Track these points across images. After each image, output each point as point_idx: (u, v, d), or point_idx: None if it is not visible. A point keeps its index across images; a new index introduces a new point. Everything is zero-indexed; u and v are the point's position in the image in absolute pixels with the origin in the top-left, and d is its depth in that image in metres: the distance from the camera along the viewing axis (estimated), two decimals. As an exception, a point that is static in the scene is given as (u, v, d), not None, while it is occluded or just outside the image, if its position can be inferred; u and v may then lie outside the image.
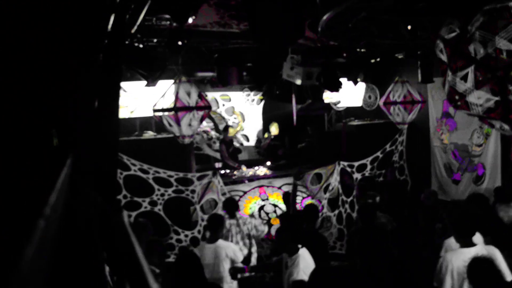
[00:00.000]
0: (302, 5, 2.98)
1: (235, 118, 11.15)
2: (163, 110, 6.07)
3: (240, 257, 5.16)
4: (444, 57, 3.34)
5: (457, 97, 3.31)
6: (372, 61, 7.75)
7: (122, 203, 6.68)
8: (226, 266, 4.96)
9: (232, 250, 5.12)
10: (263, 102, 11.26)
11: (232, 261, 5.03)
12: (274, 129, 10.28)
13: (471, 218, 3.88)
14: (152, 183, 6.91)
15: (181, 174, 7.06)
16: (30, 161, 1.07)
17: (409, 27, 4.47)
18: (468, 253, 3.51)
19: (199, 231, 7.10)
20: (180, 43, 4.95)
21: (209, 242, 5.18)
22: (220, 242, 5.13)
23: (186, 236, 7.07)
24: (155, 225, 6.88)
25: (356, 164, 8.23)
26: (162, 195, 6.99)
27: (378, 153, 8.53)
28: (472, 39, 2.99)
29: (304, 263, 4.08)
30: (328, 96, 9.86)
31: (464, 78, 3.15)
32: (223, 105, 11.04)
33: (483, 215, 4.87)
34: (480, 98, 3.14)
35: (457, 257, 3.63)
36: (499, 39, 2.85)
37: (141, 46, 5.60)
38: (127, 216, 1.61)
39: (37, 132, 1.14)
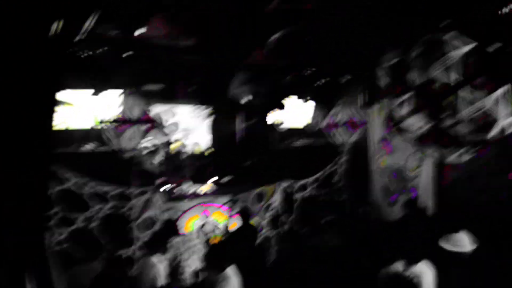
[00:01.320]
0: (253, 25, 3.03)
1: (180, 133, 10.99)
2: (105, 122, 5.88)
3: None
4: (383, 83, 3.52)
5: (393, 122, 3.48)
6: (318, 83, 7.98)
7: (53, 220, 6.35)
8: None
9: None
10: (210, 118, 11.20)
11: None
12: (198, 148, 10.26)
13: None
14: (87, 199, 6.62)
15: (119, 190, 6.83)
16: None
17: (353, 53, 4.67)
18: None
19: (134, 251, 6.85)
20: (128, 54, 4.85)
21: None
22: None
23: (121, 256, 6.80)
24: (88, 243, 6.61)
25: (297, 184, 8.36)
26: (98, 211, 6.71)
27: (319, 174, 8.72)
28: (410, 67, 3.18)
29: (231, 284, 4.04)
30: (273, 116, 9.99)
31: (401, 105, 3.33)
32: (169, 119, 10.86)
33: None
34: (415, 124, 3.32)
35: None
36: (434, 69, 3.04)
37: (86, 54, 5.41)
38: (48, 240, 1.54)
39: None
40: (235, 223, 7.23)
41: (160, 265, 4.95)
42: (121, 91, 5.90)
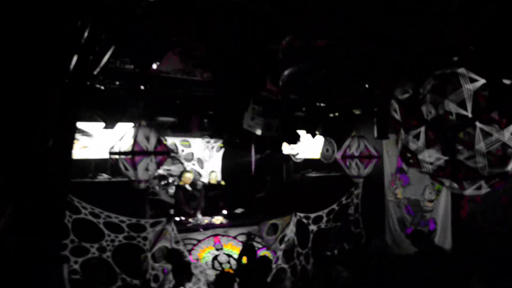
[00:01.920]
0: (265, 59, 3.08)
1: (193, 164, 11.07)
2: (120, 153, 5.94)
3: None
4: (398, 116, 3.50)
5: (409, 155, 3.43)
6: (331, 115, 8.00)
7: (68, 248, 6.39)
8: None
9: None
10: (223, 149, 11.28)
11: None
12: (213, 178, 10.27)
13: None
14: (102, 228, 6.65)
15: (133, 220, 6.85)
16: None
17: (366, 86, 4.70)
18: None
19: (148, 280, 6.80)
20: (142, 87, 4.96)
21: None
22: None
23: (135, 285, 6.76)
24: (102, 272, 6.59)
25: (312, 215, 8.28)
26: (112, 241, 6.73)
27: (334, 206, 8.65)
28: (424, 101, 3.17)
29: None
30: (287, 147, 10.01)
31: (416, 137, 3.30)
32: (183, 150, 10.97)
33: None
34: (431, 157, 3.28)
35: None
36: (448, 102, 3.03)
37: (102, 88, 5.55)
38: (67, 268, 1.55)
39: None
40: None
41: None
42: (136, 123, 5.99)
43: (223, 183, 10.38)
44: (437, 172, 3.33)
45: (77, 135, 7.59)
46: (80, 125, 7.78)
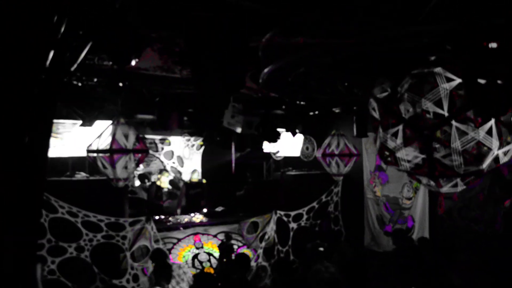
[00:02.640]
0: (245, 56, 3.08)
1: (173, 162, 10.99)
2: (98, 151, 5.86)
3: None
4: (376, 115, 3.54)
5: (387, 153, 3.48)
6: (310, 114, 8.04)
7: (45, 248, 6.28)
8: None
9: None
10: (203, 148, 11.24)
11: None
12: (195, 177, 10.25)
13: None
14: (80, 227, 6.55)
15: (112, 219, 6.77)
16: None
17: (345, 84, 4.74)
18: None
19: (127, 280, 6.74)
20: (121, 84, 4.89)
21: None
22: None
23: (114, 285, 6.68)
24: (80, 273, 6.50)
25: (292, 213, 8.33)
26: (91, 240, 6.64)
27: (314, 203, 8.72)
28: (402, 100, 3.21)
29: None
30: (268, 145, 10.03)
31: (394, 135, 3.34)
32: (162, 148, 10.88)
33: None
34: (408, 155, 3.33)
35: None
36: (425, 101, 3.08)
37: (80, 84, 5.46)
38: (41, 269, 1.52)
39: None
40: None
41: None
42: (114, 120, 5.91)
43: (204, 181, 10.35)
44: (414, 170, 3.38)
45: (54, 133, 7.45)
46: (57, 122, 7.64)
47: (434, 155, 3.14)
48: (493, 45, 2.57)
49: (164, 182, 9.85)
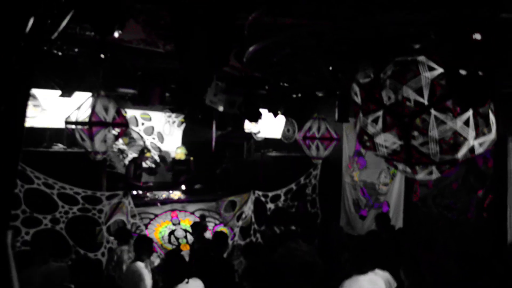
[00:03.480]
0: (230, 33, 3.04)
1: (153, 138, 10.91)
2: (76, 123, 5.76)
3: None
4: (358, 100, 3.56)
5: (366, 138, 3.51)
6: (293, 96, 8.05)
7: (20, 218, 6.21)
8: None
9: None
10: (184, 125, 11.17)
11: None
12: (179, 152, 10.13)
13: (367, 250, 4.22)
14: (56, 199, 6.49)
15: (89, 192, 6.72)
16: None
17: (330, 68, 4.74)
18: (363, 280, 3.91)
19: (103, 254, 6.73)
20: (103, 56, 4.77)
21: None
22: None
23: (89, 258, 6.67)
24: (55, 244, 6.45)
25: (270, 194, 8.40)
26: (66, 212, 6.59)
27: (293, 185, 8.81)
28: (384, 86, 3.23)
29: None
30: (249, 125, 10.03)
31: (375, 121, 3.37)
32: (143, 124, 10.77)
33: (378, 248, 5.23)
34: (387, 141, 3.37)
35: (354, 283, 3.89)
36: (407, 89, 3.10)
37: (60, 54, 5.32)
38: (11, 236, 1.50)
39: None
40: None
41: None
42: (95, 92, 5.80)
43: (192, 158, 10.29)
44: (391, 155, 3.43)
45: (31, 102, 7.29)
46: (35, 91, 7.47)
47: (412, 142, 3.19)
48: (477, 36, 2.60)
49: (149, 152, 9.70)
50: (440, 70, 3.01)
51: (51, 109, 7.61)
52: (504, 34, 2.89)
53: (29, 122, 7.27)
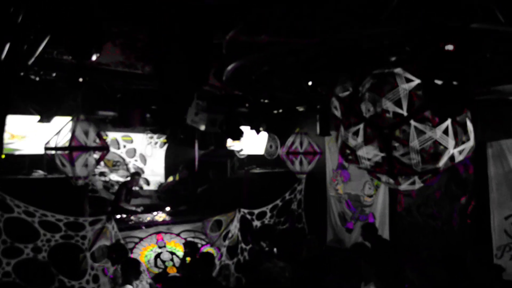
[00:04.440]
0: (208, 53, 3.06)
1: (135, 160, 10.79)
2: (56, 148, 5.67)
3: None
4: (338, 113, 3.60)
5: (348, 151, 3.54)
6: (274, 112, 8.09)
7: (0, 249, 6.04)
8: None
9: None
10: (166, 145, 11.09)
11: None
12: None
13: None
14: (37, 227, 6.34)
15: (71, 218, 6.58)
16: None
17: (309, 83, 4.79)
18: None
19: (87, 281, 6.57)
20: (81, 79, 4.73)
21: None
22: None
23: (73, 286, 6.50)
24: (38, 274, 6.29)
25: (256, 211, 8.36)
26: (49, 240, 6.43)
27: (278, 201, 8.79)
28: (363, 99, 3.28)
29: None
30: (231, 143, 10.01)
31: (356, 134, 3.41)
32: (124, 146, 10.65)
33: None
34: (369, 153, 3.40)
35: None
36: (385, 101, 3.15)
37: (37, 79, 5.25)
38: None
39: None
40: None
41: None
42: (74, 117, 5.73)
43: (177, 178, 10.22)
44: (374, 168, 3.46)
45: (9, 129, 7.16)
46: (12, 118, 7.35)
47: (393, 153, 3.22)
48: (449, 47, 2.66)
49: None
50: (417, 81, 3.07)
51: (30, 135, 7.48)
52: (475, 43, 2.97)
53: (7, 149, 7.15)
